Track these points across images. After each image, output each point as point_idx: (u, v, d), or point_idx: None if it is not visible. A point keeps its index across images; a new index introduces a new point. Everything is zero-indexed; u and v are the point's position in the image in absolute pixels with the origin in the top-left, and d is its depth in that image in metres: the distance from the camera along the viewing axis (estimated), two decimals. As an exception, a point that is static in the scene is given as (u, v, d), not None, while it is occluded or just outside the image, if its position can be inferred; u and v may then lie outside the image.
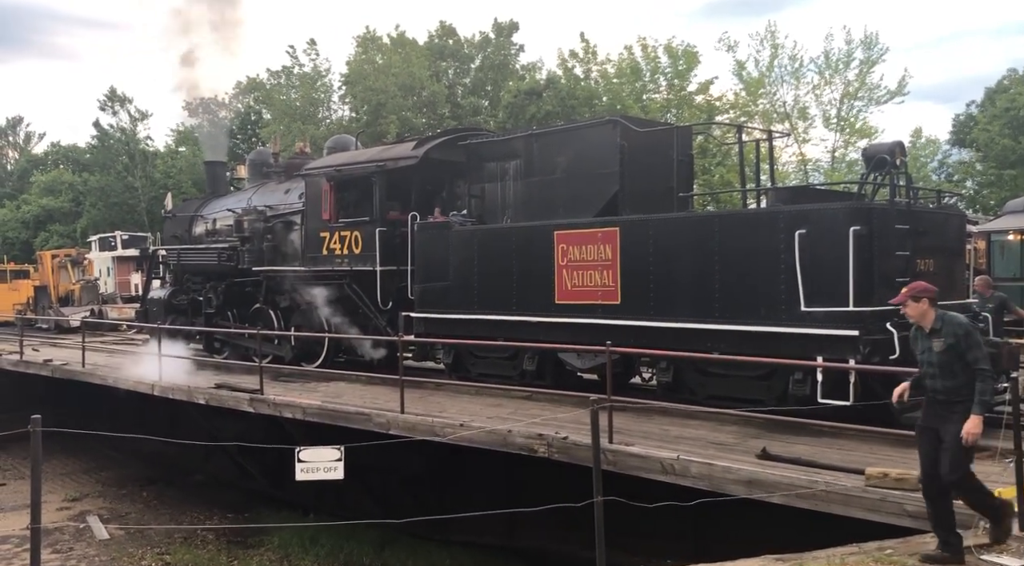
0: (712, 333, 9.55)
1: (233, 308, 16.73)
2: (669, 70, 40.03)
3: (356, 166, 14.17)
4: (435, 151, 13.47)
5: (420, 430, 10.01)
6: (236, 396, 12.86)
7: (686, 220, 10.26)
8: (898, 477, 6.61)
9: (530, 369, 11.48)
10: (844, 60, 37.73)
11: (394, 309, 13.27)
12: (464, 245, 12.12)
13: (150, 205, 48.80)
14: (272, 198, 16.30)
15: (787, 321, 8.96)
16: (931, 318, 6.25)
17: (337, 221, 14.21)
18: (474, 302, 11.95)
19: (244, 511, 15.62)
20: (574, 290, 10.81)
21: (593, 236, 10.63)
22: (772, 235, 9.11)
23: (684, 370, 10.03)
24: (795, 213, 9.08)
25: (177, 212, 19.53)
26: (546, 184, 11.64)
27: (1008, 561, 5.29)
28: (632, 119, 12.04)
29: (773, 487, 7.07)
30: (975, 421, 5.87)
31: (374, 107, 43.10)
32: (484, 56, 48.37)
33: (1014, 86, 40.19)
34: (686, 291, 9.82)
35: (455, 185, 13.80)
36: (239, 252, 16.14)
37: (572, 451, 8.50)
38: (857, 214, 8.76)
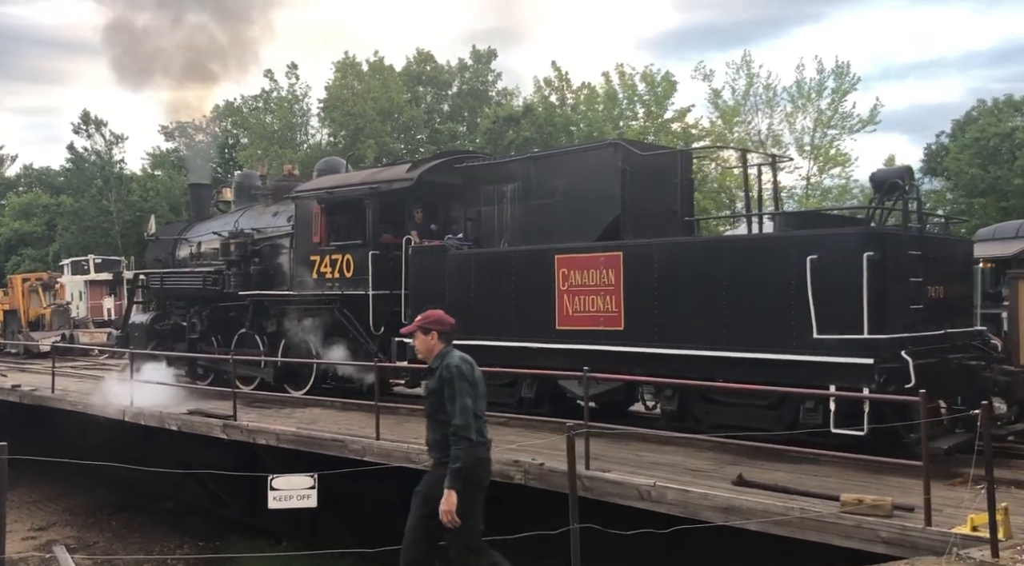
0: (720, 360, 9.21)
1: (218, 333, 16.25)
2: (647, 97, 40.59)
3: (348, 188, 13.81)
4: (430, 173, 13.12)
5: (396, 456, 9.82)
6: (209, 422, 12.51)
7: (693, 245, 10.00)
8: (873, 503, 6.56)
9: (529, 396, 11.13)
10: (816, 89, 38.42)
11: (386, 334, 12.92)
12: (460, 269, 11.78)
13: (125, 229, 48.34)
14: (260, 221, 15.94)
15: (798, 349, 8.65)
16: (435, 355, 5.79)
17: (328, 244, 13.81)
18: (471, 327, 11.42)
19: (216, 540, 15.31)
20: (575, 316, 10.49)
21: (595, 260, 10.32)
22: (783, 260, 8.83)
23: (690, 398, 9.71)
24: (807, 238, 8.81)
25: (160, 235, 19.08)
26: (545, 208, 11.34)
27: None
28: (633, 142, 11.81)
29: (749, 514, 6.99)
30: (447, 498, 5.49)
31: (352, 131, 43.18)
32: (462, 82, 48.74)
33: (983, 117, 40.99)
34: (693, 317, 9.51)
35: (450, 208, 13.47)
36: (225, 276, 15.72)
37: (548, 477, 8.37)
38: (871, 239, 8.48)
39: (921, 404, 6.61)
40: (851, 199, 36.14)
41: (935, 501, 6.32)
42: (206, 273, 16.26)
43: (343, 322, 13.52)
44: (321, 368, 14.19)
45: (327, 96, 45.22)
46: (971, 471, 6.17)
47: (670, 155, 12.00)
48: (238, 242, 15.49)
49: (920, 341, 8.64)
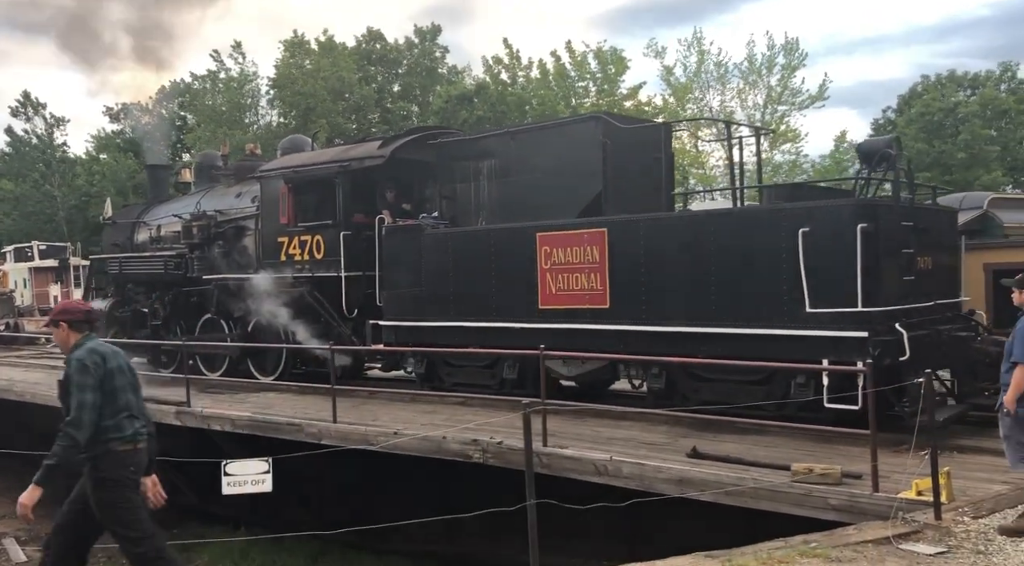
0: (709, 337, 9.02)
1: (181, 320, 15.69)
2: (599, 75, 40.64)
3: (317, 167, 13.33)
4: (402, 150, 12.70)
5: (353, 439, 9.77)
6: (161, 408, 12.24)
7: (680, 219, 9.72)
8: (823, 472, 6.72)
9: (511, 377, 10.84)
10: (767, 65, 38.81)
11: (360, 317, 12.54)
12: (437, 249, 11.43)
13: (70, 214, 47.19)
14: (222, 202, 15.41)
15: (790, 323, 8.48)
16: (70, 346, 5.59)
17: (296, 225, 13.35)
18: (449, 309, 11.24)
19: (171, 527, 15.09)
20: (559, 294, 10.22)
21: (579, 238, 10.05)
22: (773, 234, 8.62)
23: (677, 376, 9.52)
24: (798, 211, 8.59)
25: (117, 219, 18.34)
26: (524, 184, 11.00)
27: (923, 549, 5.49)
28: (615, 116, 11.50)
29: (703, 485, 7.11)
30: (29, 492, 5.38)
31: (303, 112, 42.56)
32: (411, 61, 48.27)
33: (928, 92, 41.81)
34: (680, 294, 9.29)
35: (424, 186, 13.08)
36: (188, 260, 15.21)
37: (507, 455, 8.41)
38: (864, 211, 8.29)
39: (867, 372, 6.77)
40: (801, 174, 36.67)
41: (882, 468, 6.46)
42: (168, 257, 15.71)
43: (314, 305, 13.12)
44: (291, 352, 13.81)
45: (276, 75, 44.51)
46: (914, 438, 6.36)
47: (652, 128, 11.75)
48: (201, 225, 14.97)
49: (912, 313, 8.56)
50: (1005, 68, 43.19)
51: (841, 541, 5.74)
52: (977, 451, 7.80)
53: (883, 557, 5.39)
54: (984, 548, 5.45)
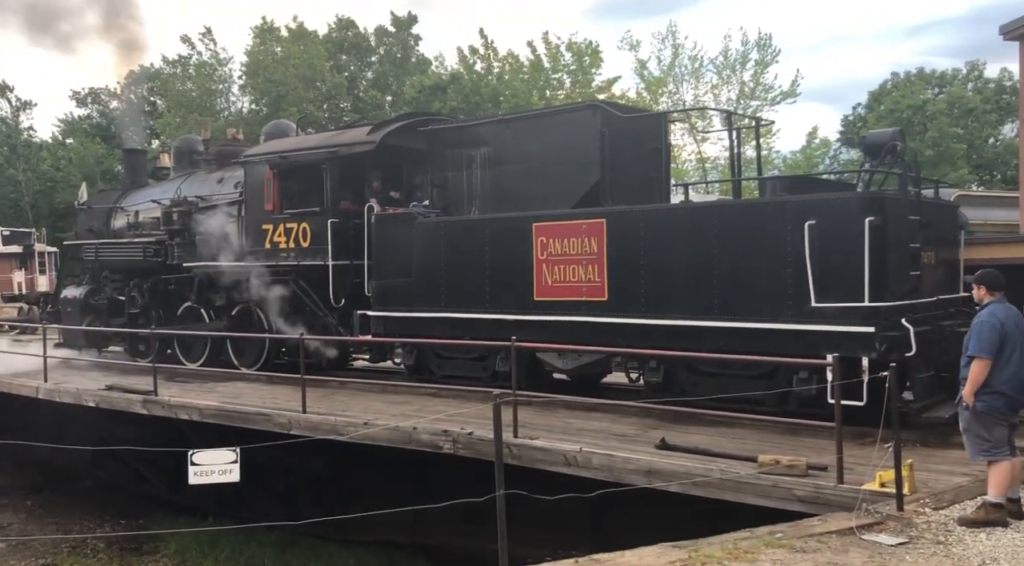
0: (710, 331, 8.83)
1: (159, 308, 15.34)
2: (573, 66, 40.64)
3: (304, 152, 13.00)
4: (393, 137, 12.40)
5: (322, 429, 9.73)
6: (128, 398, 12.18)
7: (682, 211, 9.51)
8: (789, 464, 6.80)
9: (503, 370, 10.52)
10: (740, 60, 39.03)
11: (347, 307, 12.29)
12: (429, 238, 11.15)
13: (35, 199, 46.38)
14: (203, 188, 15.03)
15: (794, 317, 8.34)
16: None
17: (282, 212, 13.02)
18: (440, 299, 10.97)
19: (139, 517, 14.99)
20: (555, 286, 9.99)
21: (577, 228, 9.81)
22: (779, 226, 8.46)
23: (676, 370, 9.34)
24: (804, 203, 8.43)
25: (92, 204, 17.89)
26: (518, 173, 10.76)
27: (885, 539, 5.59)
28: (613, 105, 11.26)
29: (671, 476, 7.15)
30: None
31: (274, 99, 42.15)
32: (385, 49, 47.96)
33: (898, 88, 42.32)
34: (681, 287, 9.10)
35: (414, 174, 12.80)
36: (168, 246, 14.85)
37: (477, 446, 8.40)
38: (872, 204, 8.14)
39: (834, 367, 6.86)
40: (772, 169, 36.94)
41: (847, 460, 6.55)
42: (146, 243, 15.41)
43: (299, 294, 12.86)
44: (274, 342, 13.58)
45: (248, 62, 44.05)
46: (880, 431, 6.46)
47: (650, 118, 11.57)
48: (181, 211, 14.65)
49: (917, 308, 8.46)
50: (972, 67, 43.81)
51: (806, 532, 5.82)
52: (940, 444, 7.91)
53: (846, 548, 5.46)
54: (944, 539, 5.55)
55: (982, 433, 5.95)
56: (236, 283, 13.77)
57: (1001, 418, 5.94)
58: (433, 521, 11.17)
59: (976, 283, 6.28)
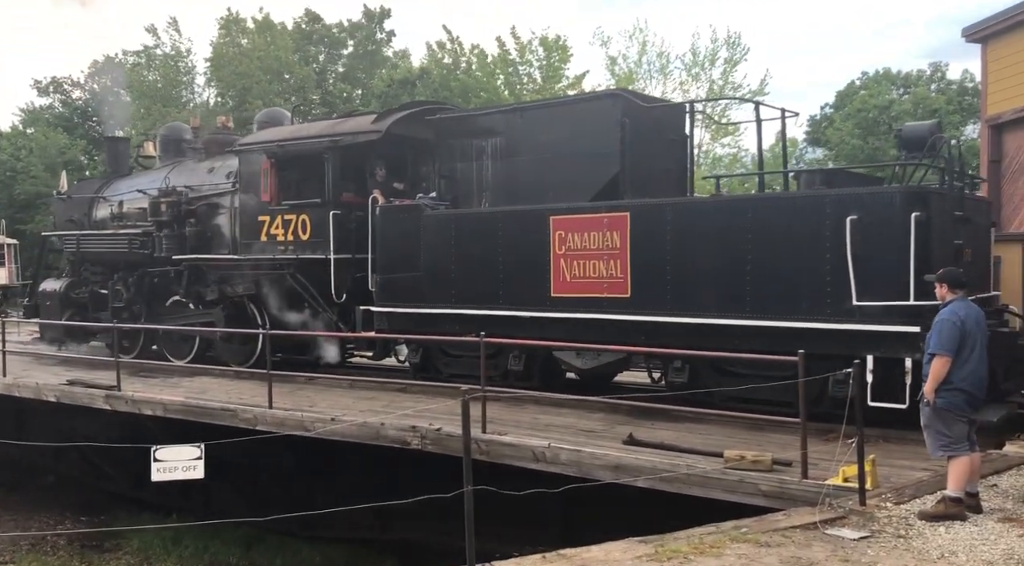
0: (742, 330, 8.39)
1: (145, 302, 14.64)
2: (544, 62, 40.69)
3: (304, 141, 12.38)
4: (399, 125, 11.84)
5: (289, 425, 9.59)
6: (90, 393, 11.84)
7: (713, 204, 9.06)
8: (754, 459, 6.80)
9: (516, 369, 10.15)
10: (709, 58, 39.34)
11: (348, 302, 11.75)
12: (438, 231, 10.62)
13: (-7, 190, 45.54)
14: (193, 178, 14.37)
15: (833, 316, 7.94)
16: None
17: (280, 203, 12.41)
18: (450, 295, 10.47)
19: (100, 514, 14.72)
20: (574, 282, 9.52)
21: (598, 222, 9.32)
22: (817, 221, 8.05)
23: (701, 370, 8.90)
24: (845, 197, 8.01)
25: (73, 193, 17.10)
26: (532, 164, 10.27)
27: (848, 533, 5.66)
28: (635, 94, 10.90)
29: (638, 471, 7.14)
30: None
31: (240, 91, 41.77)
32: (355, 42, 47.70)
33: (866, 88, 42.88)
34: (711, 284, 8.64)
35: (419, 164, 12.32)
36: (155, 238, 14.14)
37: (445, 442, 8.36)
38: (917, 199, 7.76)
39: (799, 363, 6.94)
40: (740, 167, 37.26)
41: (811, 455, 6.60)
42: (132, 235, 14.72)
43: (297, 289, 12.31)
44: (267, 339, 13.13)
45: (212, 54, 43.61)
46: (843, 426, 6.57)
47: (672, 108, 11.22)
48: (170, 201, 13.98)
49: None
50: (935, 69, 44.51)
51: (771, 526, 5.87)
52: (901, 440, 7.86)
53: (810, 542, 5.50)
54: (905, 532, 5.60)
55: (942, 429, 6.04)
56: (229, 277, 13.24)
57: (961, 415, 6.03)
58: (401, 517, 11.13)
59: (938, 282, 6.39)
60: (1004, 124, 14.33)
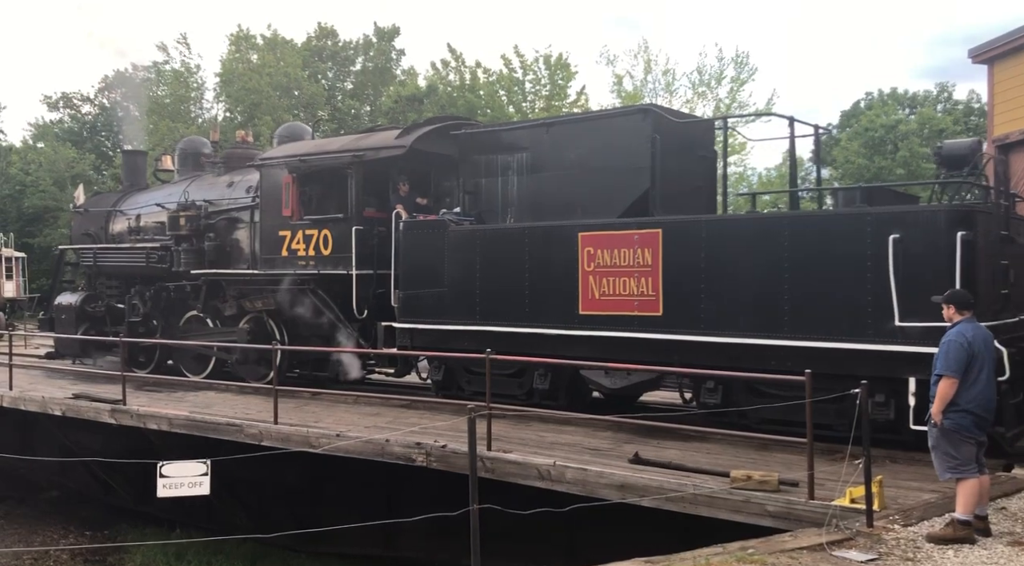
0: (779, 350, 8.17)
1: (162, 317, 14.50)
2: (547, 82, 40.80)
3: (326, 156, 12.23)
4: (423, 141, 11.72)
5: (294, 441, 9.55)
6: (96, 407, 11.80)
7: (750, 221, 8.87)
8: (761, 479, 6.73)
9: (541, 388, 9.94)
10: (716, 77, 39.46)
11: (369, 318, 11.58)
12: (463, 247, 10.43)
13: (3, 204, 45.73)
14: (212, 192, 14.25)
15: (875, 337, 7.72)
16: None
17: (302, 218, 12.29)
18: (475, 312, 10.27)
19: (104, 528, 14.67)
20: (603, 300, 9.29)
21: (628, 239, 9.13)
22: (858, 240, 7.84)
23: (734, 390, 8.65)
24: (888, 216, 7.80)
25: (89, 207, 16.96)
26: (559, 180, 10.12)
27: (855, 556, 5.63)
28: (665, 109, 10.80)
29: (644, 491, 7.07)
30: None
31: (248, 107, 42.01)
32: (365, 59, 47.99)
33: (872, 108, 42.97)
34: (747, 303, 8.43)
35: (442, 180, 12.20)
36: (174, 252, 14.01)
37: (450, 459, 8.28)
38: (963, 217, 7.54)
39: (807, 383, 6.91)
40: (745, 186, 37.27)
41: (818, 476, 6.51)
42: (150, 249, 14.56)
43: (317, 305, 12.13)
44: (286, 354, 12.82)
45: (222, 70, 43.91)
46: (849, 447, 6.54)
47: (702, 124, 11.12)
48: (189, 215, 13.85)
49: (1007, 329, 7.86)
50: (942, 89, 44.61)
51: (777, 547, 5.82)
52: (909, 460, 7.78)
53: (817, 563, 5.43)
54: (913, 555, 5.52)
55: (950, 451, 6.00)
56: (248, 292, 13.10)
57: (968, 436, 5.98)
58: (406, 534, 11.11)
59: (945, 303, 6.37)
60: (1011, 144, 14.34)
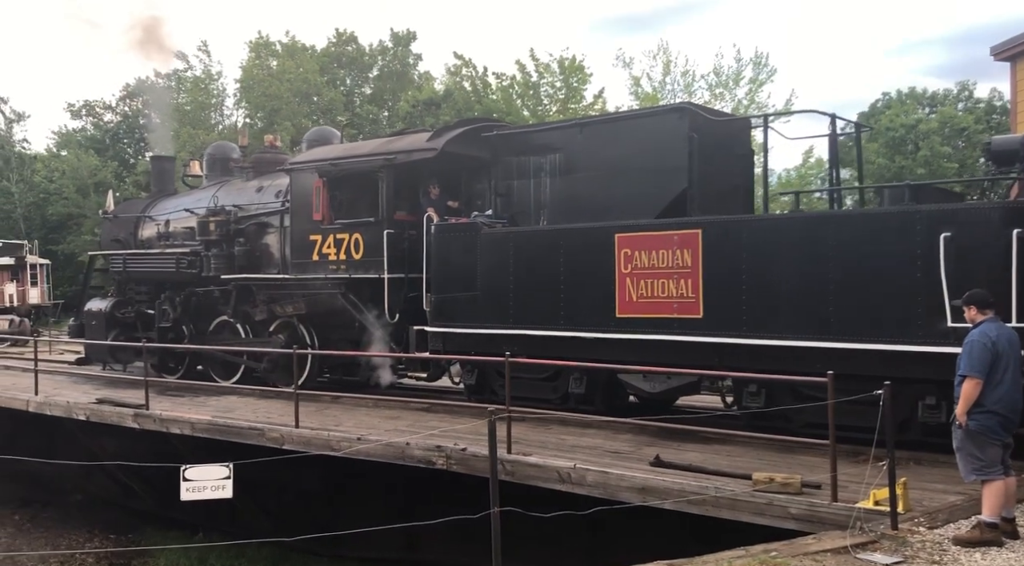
0: (825, 353, 7.95)
1: (191, 322, 14.50)
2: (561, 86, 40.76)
3: (357, 159, 12.17)
4: (454, 143, 11.59)
5: (316, 444, 9.57)
6: (120, 411, 11.94)
7: (793, 221, 8.75)
8: (783, 481, 6.67)
9: (577, 392, 9.79)
10: (734, 78, 39.28)
11: (401, 322, 11.55)
12: (496, 250, 10.32)
13: (27, 211, 46.29)
14: (241, 197, 14.26)
15: (926, 339, 7.51)
16: None
17: (333, 223, 12.24)
18: (508, 315, 10.14)
19: (128, 532, 14.76)
20: (641, 302, 9.13)
21: (667, 240, 8.97)
22: (907, 239, 7.65)
23: (779, 394, 8.46)
24: (938, 213, 7.60)
25: (118, 213, 17.03)
26: (593, 181, 9.98)
27: (880, 558, 5.56)
28: (702, 107, 10.67)
29: (665, 494, 7.04)
30: None
31: (268, 113, 42.32)
32: (383, 65, 48.22)
33: (890, 108, 42.57)
34: (791, 304, 8.25)
35: (473, 182, 12.08)
36: (204, 258, 13.99)
37: (470, 462, 8.30)
38: (1018, 215, 7.31)
39: (828, 384, 6.86)
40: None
41: (841, 478, 6.47)
42: (180, 254, 14.50)
43: (349, 309, 12.04)
44: (318, 359, 12.92)
45: (242, 76, 44.26)
46: (873, 449, 6.47)
47: (739, 122, 10.95)
48: (219, 220, 13.84)
49: None
50: (963, 87, 44.13)
51: (801, 550, 5.76)
52: (934, 462, 7.69)
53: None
54: (939, 558, 5.44)
55: (975, 452, 5.92)
56: (278, 297, 13.05)
57: (994, 438, 5.89)
58: (426, 537, 11.13)
59: (966, 304, 6.27)
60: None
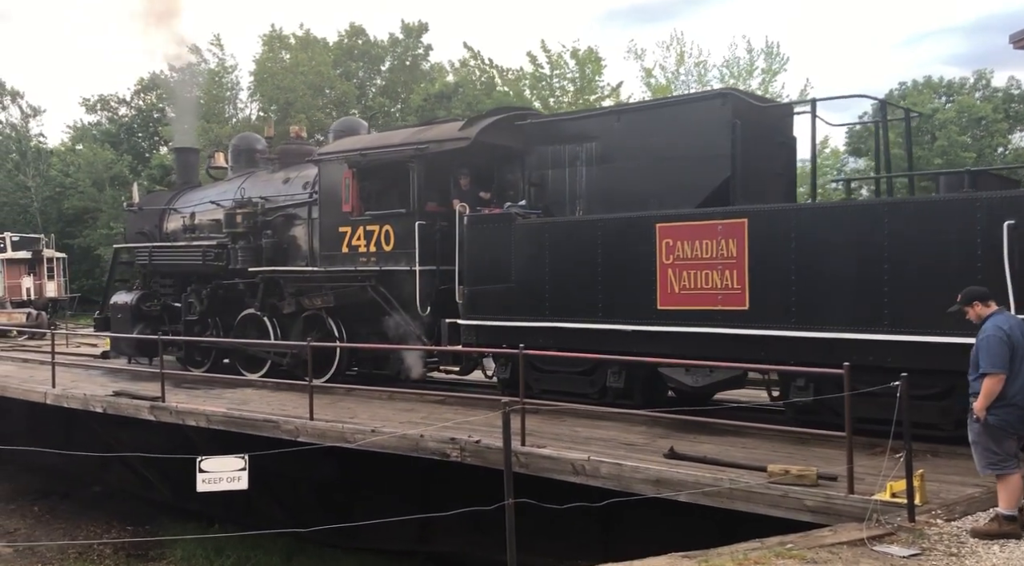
0: (876, 345, 7.69)
1: (217, 314, 14.29)
2: (576, 76, 40.62)
3: (388, 150, 11.87)
4: (487, 133, 11.26)
5: (330, 436, 9.53)
6: (136, 404, 11.93)
7: (844, 209, 8.42)
8: (799, 473, 6.59)
9: (616, 386, 9.49)
10: (747, 69, 39.03)
11: (432, 315, 11.26)
12: (531, 241, 10.04)
13: (44, 205, 46.60)
14: (268, 188, 13.99)
15: None
16: None
17: (362, 214, 11.96)
18: (544, 307, 9.86)
19: (145, 523, 14.85)
20: (683, 294, 8.84)
21: (711, 229, 8.64)
22: (967, 227, 7.34)
23: (827, 388, 8.06)
24: (1001, 201, 7.27)
25: (143, 205, 16.76)
26: (632, 170, 9.68)
27: (897, 550, 5.49)
28: (745, 93, 10.36)
29: (680, 486, 6.98)
30: None
31: (282, 106, 42.41)
32: (394, 57, 48.23)
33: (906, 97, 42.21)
34: (842, 295, 7.95)
35: (505, 172, 11.80)
36: (231, 250, 13.76)
37: (484, 454, 8.23)
38: None
39: (845, 375, 6.80)
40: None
41: (857, 470, 6.36)
42: (207, 247, 14.27)
43: (379, 302, 11.76)
44: (345, 352, 12.68)
45: (256, 69, 44.38)
46: (890, 441, 6.42)
47: (782, 108, 10.67)
48: (245, 212, 13.60)
49: None
50: (980, 76, 43.71)
51: (816, 542, 5.71)
52: (951, 454, 7.55)
53: (858, 558, 5.31)
54: (957, 550, 5.38)
55: (991, 446, 5.81)
56: (307, 290, 12.80)
57: (1012, 431, 5.81)
58: (441, 529, 11.15)
59: (967, 303, 6.06)
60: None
